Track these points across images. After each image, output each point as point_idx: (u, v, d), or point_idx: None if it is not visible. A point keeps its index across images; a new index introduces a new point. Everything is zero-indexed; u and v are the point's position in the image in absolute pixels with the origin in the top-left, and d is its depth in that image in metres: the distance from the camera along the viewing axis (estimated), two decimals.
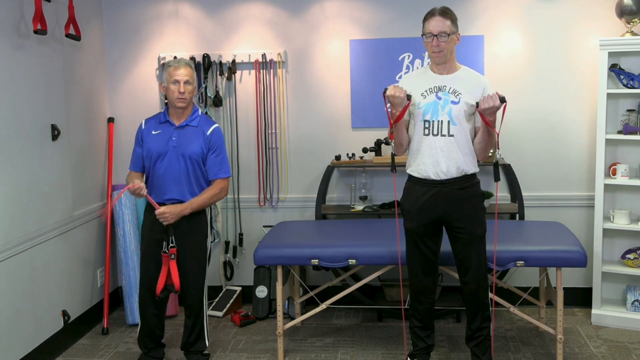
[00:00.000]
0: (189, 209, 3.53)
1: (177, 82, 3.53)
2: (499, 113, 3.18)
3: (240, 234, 4.82)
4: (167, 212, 3.48)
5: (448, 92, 3.29)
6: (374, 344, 4.10)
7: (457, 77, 3.32)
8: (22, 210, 3.67)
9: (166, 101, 3.75)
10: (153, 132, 3.61)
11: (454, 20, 3.24)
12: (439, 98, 3.30)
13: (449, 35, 3.21)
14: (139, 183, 3.49)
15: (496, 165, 3.36)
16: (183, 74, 3.52)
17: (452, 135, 3.28)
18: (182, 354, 3.99)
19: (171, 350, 4.05)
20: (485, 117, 3.19)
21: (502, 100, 3.12)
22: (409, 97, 3.25)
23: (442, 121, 3.28)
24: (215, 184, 3.62)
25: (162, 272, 3.54)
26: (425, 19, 3.28)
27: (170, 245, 3.54)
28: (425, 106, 3.31)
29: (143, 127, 3.68)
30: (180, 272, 3.59)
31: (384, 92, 3.24)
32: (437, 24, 3.21)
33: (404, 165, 3.49)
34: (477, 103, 3.23)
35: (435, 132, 3.30)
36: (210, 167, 3.61)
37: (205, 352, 3.77)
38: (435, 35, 3.21)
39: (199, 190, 3.60)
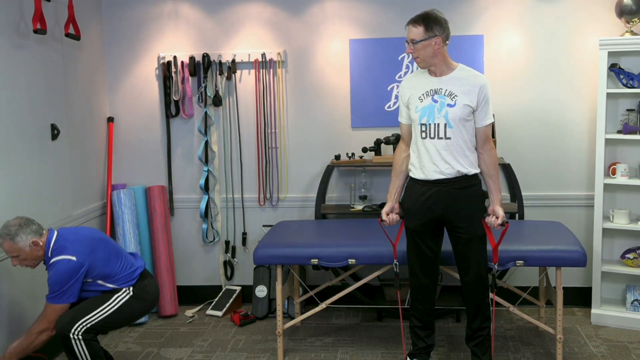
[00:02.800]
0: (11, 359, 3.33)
1: None
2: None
3: (244, 233, 4.82)
4: None
5: (444, 94, 3.29)
6: (373, 343, 4.10)
7: (453, 78, 3.32)
8: (22, 209, 3.66)
9: None
10: None
11: (429, 26, 3.23)
12: (435, 101, 3.30)
13: (419, 41, 3.24)
14: None
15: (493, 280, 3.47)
16: (4, 250, 3.30)
17: (448, 138, 3.28)
18: (181, 354, 4.00)
19: (171, 350, 4.06)
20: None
21: (503, 224, 3.34)
22: (402, 217, 3.50)
23: (438, 124, 3.29)
24: (40, 318, 3.35)
25: None
26: None
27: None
28: (422, 110, 3.32)
29: None
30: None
31: (380, 220, 3.53)
32: (409, 32, 3.29)
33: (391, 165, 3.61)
34: (485, 215, 3.39)
35: (432, 135, 3.31)
36: None
37: None
38: (408, 42, 3.29)
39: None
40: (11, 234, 3.25)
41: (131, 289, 3.46)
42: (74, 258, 3.29)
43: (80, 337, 3.30)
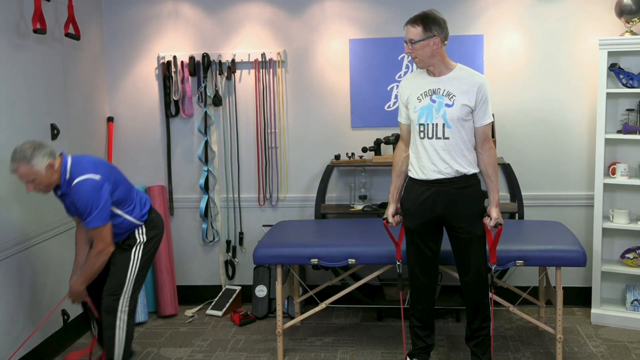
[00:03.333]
0: (84, 283, 3.40)
1: None
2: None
3: (241, 233, 4.82)
4: (72, 297, 3.42)
5: (442, 94, 3.29)
6: (373, 343, 4.10)
7: (451, 77, 3.31)
8: (22, 209, 3.67)
9: None
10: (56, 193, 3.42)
11: (428, 26, 3.23)
12: (434, 101, 3.30)
13: (417, 42, 3.24)
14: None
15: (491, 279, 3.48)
16: (18, 175, 3.22)
17: (447, 138, 3.28)
18: (181, 354, 4.00)
19: (171, 350, 4.05)
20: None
21: (496, 226, 3.34)
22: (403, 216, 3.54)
23: (436, 124, 3.29)
24: (94, 243, 3.39)
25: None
26: None
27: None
28: (420, 110, 3.32)
29: None
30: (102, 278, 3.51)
31: (385, 222, 3.55)
32: (407, 32, 3.29)
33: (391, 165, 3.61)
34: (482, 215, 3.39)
35: (430, 135, 3.31)
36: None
37: None
38: (406, 43, 3.29)
39: (123, 232, 3.51)
40: (27, 157, 3.17)
41: (144, 231, 3.51)
42: (97, 177, 3.29)
43: (126, 309, 3.47)
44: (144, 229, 3.52)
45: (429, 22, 3.23)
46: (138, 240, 3.51)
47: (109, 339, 3.50)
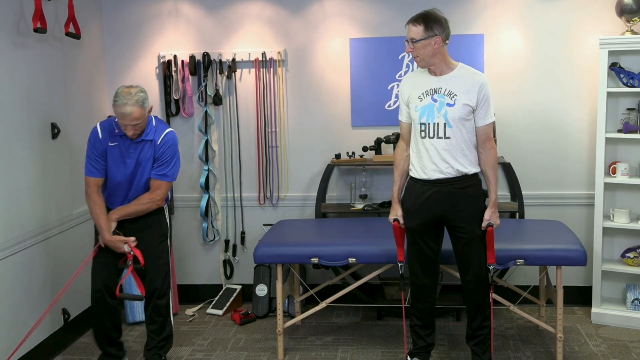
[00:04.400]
0: (120, 218, 3.47)
1: (125, 125, 3.36)
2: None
3: (243, 233, 4.82)
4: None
5: (444, 94, 3.29)
6: (374, 342, 4.10)
7: (453, 77, 3.31)
8: (22, 208, 3.67)
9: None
10: (110, 144, 3.48)
11: (429, 25, 3.23)
12: (435, 100, 3.30)
13: (419, 41, 3.23)
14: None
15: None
16: (130, 119, 3.31)
17: (448, 138, 3.28)
18: (182, 353, 4.00)
19: (171, 349, 4.04)
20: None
21: (487, 227, 3.34)
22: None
23: (437, 124, 3.29)
24: (152, 188, 3.49)
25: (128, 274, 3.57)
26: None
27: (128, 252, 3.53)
28: (421, 109, 3.32)
29: (100, 135, 3.49)
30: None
31: (397, 223, 3.49)
32: (408, 31, 3.29)
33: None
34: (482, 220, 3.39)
35: (431, 135, 3.31)
36: (153, 169, 3.49)
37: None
38: (408, 42, 3.29)
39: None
40: (141, 100, 3.32)
41: (167, 210, 3.70)
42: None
43: (170, 291, 3.72)
44: (166, 208, 3.68)
45: (430, 21, 3.23)
46: (167, 227, 3.69)
47: (166, 317, 3.69)
